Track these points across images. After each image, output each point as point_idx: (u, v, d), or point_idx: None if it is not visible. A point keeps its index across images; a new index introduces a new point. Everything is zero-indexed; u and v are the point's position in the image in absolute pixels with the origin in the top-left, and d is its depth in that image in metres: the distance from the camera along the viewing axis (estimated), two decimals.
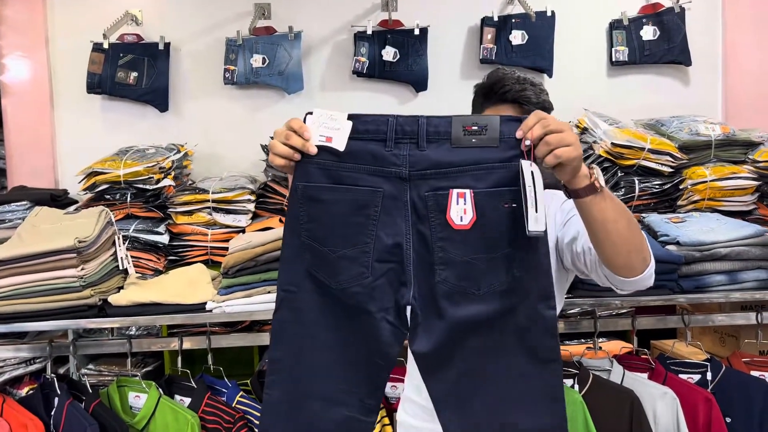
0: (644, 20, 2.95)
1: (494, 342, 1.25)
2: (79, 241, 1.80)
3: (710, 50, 3.01)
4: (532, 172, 1.14)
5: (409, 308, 1.25)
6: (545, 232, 1.15)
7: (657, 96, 2.96)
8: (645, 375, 2.03)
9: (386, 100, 2.99)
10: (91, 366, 2.62)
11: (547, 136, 1.13)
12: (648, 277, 1.33)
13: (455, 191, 1.20)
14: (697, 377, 2.03)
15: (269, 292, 1.87)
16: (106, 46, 2.86)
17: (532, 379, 1.24)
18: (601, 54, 3.00)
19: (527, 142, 1.16)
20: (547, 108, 1.50)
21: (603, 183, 1.26)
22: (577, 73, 2.97)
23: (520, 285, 1.22)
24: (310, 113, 1.25)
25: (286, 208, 2.48)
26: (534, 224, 1.13)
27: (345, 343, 1.27)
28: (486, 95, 1.53)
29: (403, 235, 1.22)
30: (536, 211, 1.12)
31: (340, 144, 1.22)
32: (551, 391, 1.25)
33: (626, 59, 2.96)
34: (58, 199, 2.66)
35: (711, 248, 1.88)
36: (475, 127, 1.20)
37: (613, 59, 2.97)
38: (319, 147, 1.22)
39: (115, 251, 1.99)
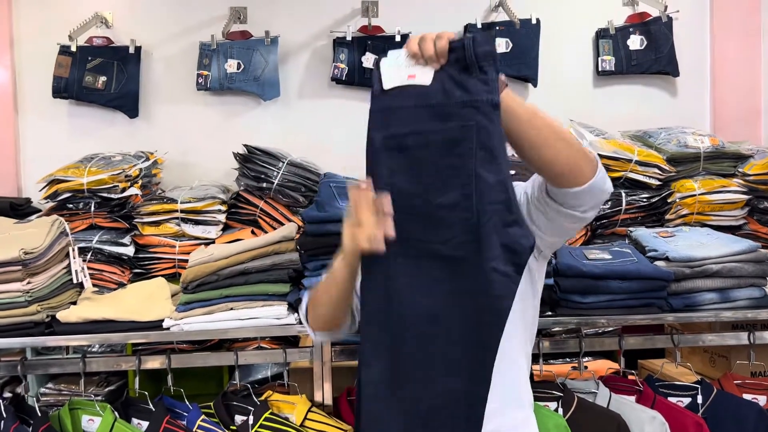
0: (631, 29, 2.89)
1: None
2: (25, 253, 1.67)
3: (698, 61, 2.95)
4: None
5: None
6: None
7: (644, 107, 2.89)
8: (632, 398, 1.93)
9: (365, 109, 2.88)
10: (50, 385, 2.49)
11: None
12: (602, 178, 1.21)
13: None
14: (687, 400, 1.93)
15: (232, 309, 1.75)
16: (73, 48, 2.76)
17: None
18: (588, 63, 2.93)
19: None
20: None
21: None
22: (562, 82, 2.90)
23: None
24: (385, 56, 1.19)
25: (259, 219, 2.44)
26: None
27: (447, 305, 1.19)
28: None
29: (505, 166, 1.15)
30: None
31: (425, 79, 1.15)
32: None
33: (613, 69, 2.89)
34: (19, 208, 2.54)
35: (702, 264, 1.79)
36: None
37: (600, 69, 2.90)
38: (400, 87, 1.16)
39: (69, 264, 1.86)
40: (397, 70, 1.17)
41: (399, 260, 1.20)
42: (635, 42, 2.88)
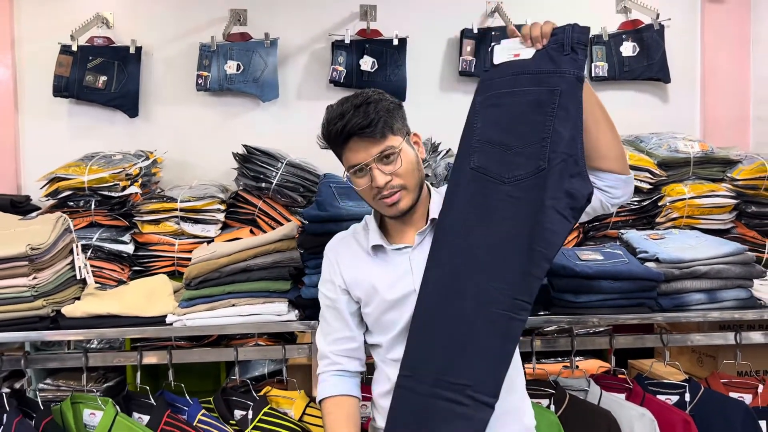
0: (624, 36, 2.95)
1: None
2: (32, 248, 1.70)
3: (689, 68, 3.01)
4: None
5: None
6: None
7: (636, 112, 2.94)
8: (623, 395, 1.97)
9: None
10: (49, 380, 2.51)
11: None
12: (632, 179, 1.48)
13: None
14: (675, 398, 1.98)
15: (234, 305, 1.78)
16: (74, 48, 2.78)
17: None
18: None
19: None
20: (392, 111, 1.40)
21: None
22: None
23: None
24: (498, 43, 1.48)
25: (258, 218, 2.47)
26: None
27: (503, 235, 1.38)
28: (330, 143, 1.44)
29: (578, 128, 1.35)
30: None
31: (528, 55, 1.42)
32: None
33: (606, 75, 2.94)
34: (19, 206, 2.56)
35: (690, 266, 1.83)
36: None
37: (593, 74, 2.95)
38: (507, 63, 1.44)
39: (73, 260, 1.89)
40: (507, 51, 1.45)
41: (477, 198, 1.41)
42: (628, 48, 2.93)
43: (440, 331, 1.39)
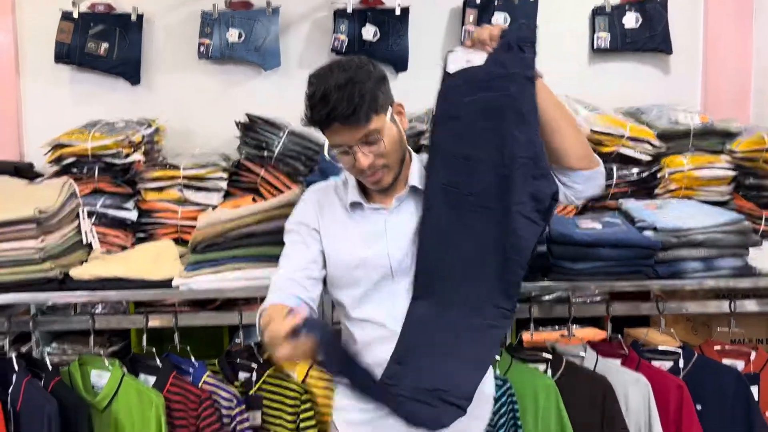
0: (627, 7, 2.93)
1: None
2: (40, 212, 1.72)
3: (691, 41, 3.00)
4: None
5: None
6: None
7: (638, 84, 2.94)
8: (618, 361, 2.02)
9: None
10: (54, 345, 2.54)
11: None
12: (603, 173, 1.51)
13: None
14: (669, 364, 2.03)
15: (238, 269, 1.81)
16: (75, 15, 2.76)
17: None
18: (583, 40, 2.98)
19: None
20: (376, 88, 1.36)
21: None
22: (558, 58, 2.93)
23: None
24: (452, 51, 1.47)
25: (260, 187, 2.48)
26: None
27: (479, 247, 1.41)
28: (313, 124, 1.41)
29: (534, 128, 1.37)
30: None
31: (479, 61, 1.41)
32: None
33: (608, 46, 2.94)
34: (22, 172, 2.57)
35: (688, 234, 1.86)
36: None
37: (595, 46, 2.94)
38: (460, 71, 1.43)
39: (79, 224, 1.92)
40: (459, 57, 1.44)
41: (451, 215, 1.43)
42: (631, 20, 2.92)
43: (425, 341, 1.41)
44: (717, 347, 2.12)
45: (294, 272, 1.47)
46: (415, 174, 1.49)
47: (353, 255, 1.48)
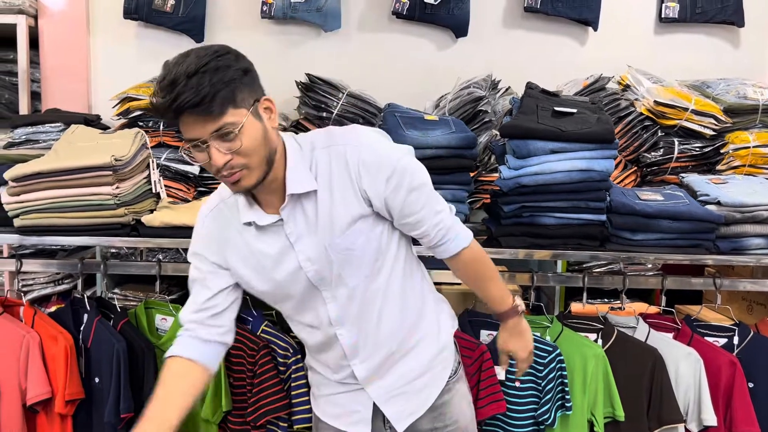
0: None
1: None
2: (116, 159, 1.80)
3: (763, 13, 2.89)
4: None
5: None
6: None
7: (705, 57, 2.86)
8: (670, 335, 2.02)
9: (424, 45, 2.93)
10: (117, 290, 2.66)
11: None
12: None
13: None
14: (723, 341, 2.01)
15: None
16: None
17: None
18: (651, 9, 2.89)
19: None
20: (234, 81, 1.26)
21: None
22: (623, 27, 2.87)
23: None
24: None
25: None
26: None
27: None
28: (160, 116, 1.33)
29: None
30: None
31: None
32: None
33: (676, 16, 2.85)
34: (91, 124, 2.66)
35: (753, 210, 1.83)
36: None
37: (663, 15, 2.86)
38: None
39: (149, 174, 2.00)
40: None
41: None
42: None
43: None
44: None
45: (197, 312, 1.45)
46: (294, 177, 1.33)
47: (268, 282, 1.42)
